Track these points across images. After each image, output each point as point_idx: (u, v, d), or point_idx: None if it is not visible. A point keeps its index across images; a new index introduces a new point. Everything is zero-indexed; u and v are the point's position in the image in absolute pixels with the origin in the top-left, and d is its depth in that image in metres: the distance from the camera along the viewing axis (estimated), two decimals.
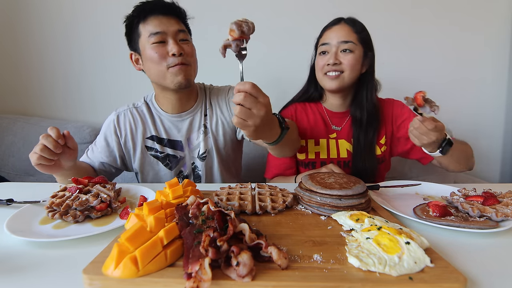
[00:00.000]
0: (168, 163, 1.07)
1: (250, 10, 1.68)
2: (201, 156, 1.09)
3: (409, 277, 0.40)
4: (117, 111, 1.09)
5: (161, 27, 0.93)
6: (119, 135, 1.05)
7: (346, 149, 1.11)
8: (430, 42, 1.74)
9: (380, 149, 1.11)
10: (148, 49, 0.93)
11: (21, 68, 1.77)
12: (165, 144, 1.07)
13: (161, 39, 0.93)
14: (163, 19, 0.93)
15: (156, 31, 0.92)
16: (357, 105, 1.09)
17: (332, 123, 1.14)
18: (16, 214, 0.63)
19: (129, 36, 1.00)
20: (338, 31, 1.03)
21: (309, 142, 1.12)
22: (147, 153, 1.07)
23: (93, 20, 1.71)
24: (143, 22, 0.94)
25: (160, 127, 1.07)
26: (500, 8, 1.71)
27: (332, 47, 1.02)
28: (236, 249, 0.40)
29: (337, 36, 1.02)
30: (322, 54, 1.05)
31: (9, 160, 1.58)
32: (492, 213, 0.61)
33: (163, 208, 0.55)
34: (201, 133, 1.08)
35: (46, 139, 0.74)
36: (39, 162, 0.76)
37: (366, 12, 1.66)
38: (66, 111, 1.82)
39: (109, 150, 1.05)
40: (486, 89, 1.79)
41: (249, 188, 0.76)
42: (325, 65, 1.03)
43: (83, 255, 0.46)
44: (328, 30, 1.06)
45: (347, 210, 0.62)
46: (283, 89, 1.32)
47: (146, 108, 1.09)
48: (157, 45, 0.93)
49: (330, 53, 1.03)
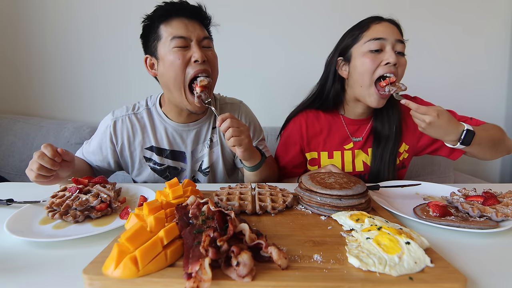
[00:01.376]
0: (168, 175, 1.03)
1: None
2: (204, 171, 1.05)
3: (409, 277, 0.40)
4: (114, 114, 1.01)
5: (186, 31, 0.86)
6: (115, 143, 0.99)
7: (362, 161, 1.03)
8: (431, 42, 1.74)
9: (398, 158, 1.03)
10: (169, 53, 0.86)
11: (21, 69, 1.77)
12: (166, 155, 1.01)
13: (184, 44, 0.86)
14: (188, 23, 0.87)
15: (180, 35, 0.86)
16: (381, 115, 0.99)
17: (350, 133, 1.03)
18: (16, 214, 0.63)
19: (146, 38, 0.92)
20: (389, 27, 0.88)
21: (321, 155, 1.03)
22: (145, 164, 1.01)
23: (93, 20, 1.71)
24: (165, 24, 0.87)
25: (162, 137, 1.00)
26: (501, 8, 1.72)
27: (388, 44, 0.86)
28: (236, 249, 0.40)
29: (392, 32, 0.87)
30: (373, 52, 0.87)
31: (9, 160, 1.58)
32: (492, 213, 0.61)
33: (163, 208, 0.55)
34: (205, 146, 1.04)
35: (42, 159, 0.71)
36: (37, 180, 0.75)
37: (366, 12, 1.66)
38: (66, 111, 1.82)
39: (103, 156, 1.00)
40: (486, 89, 1.80)
41: (249, 188, 0.76)
42: (381, 65, 0.87)
43: (83, 255, 0.46)
44: (377, 24, 0.89)
45: (347, 210, 0.62)
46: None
47: (147, 114, 1.01)
48: (179, 50, 0.86)
49: (386, 50, 0.87)
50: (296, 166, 1.10)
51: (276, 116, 1.29)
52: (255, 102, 1.19)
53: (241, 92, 1.22)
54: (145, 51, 0.95)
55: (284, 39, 1.74)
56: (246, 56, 1.76)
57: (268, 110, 1.67)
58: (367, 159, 1.02)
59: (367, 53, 0.89)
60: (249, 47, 1.75)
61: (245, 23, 1.71)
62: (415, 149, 1.07)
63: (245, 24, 1.71)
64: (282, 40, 1.74)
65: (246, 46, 1.74)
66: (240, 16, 1.70)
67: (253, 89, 1.79)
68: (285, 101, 1.17)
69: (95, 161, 1.02)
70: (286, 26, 1.72)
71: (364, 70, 0.90)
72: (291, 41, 1.74)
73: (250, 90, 1.77)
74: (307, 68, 1.69)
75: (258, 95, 1.78)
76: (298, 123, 1.07)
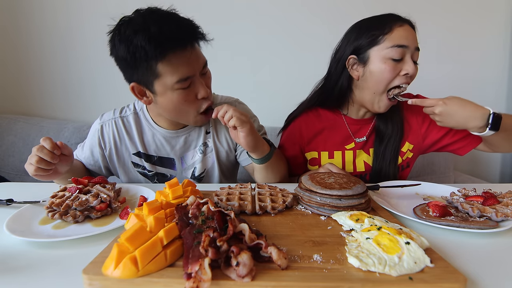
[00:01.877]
0: (156, 182, 1.00)
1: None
2: (198, 178, 1.02)
3: (409, 277, 0.40)
4: (102, 118, 0.99)
5: (189, 69, 0.78)
6: (103, 147, 0.97)
7: (364, 161, 1.01)
8: (431, 42, 1.74)
9: (402, 158, 1.01)
10: (172, 94, 0.79)
11: (22, 69, 1.77)
12: (155, 161, 0.98)
13: (189, 83, 0.80)
14: (189, 56, 0.77)
15: (186, 76, 0.77)
16: (384, 116, 0.97)
17: (352, 133, 1.01)
18: (16, 214, 0.63)
19: (132, 66, 0.77)
20: (411, 31, 0.84)
21: (322, 155, 1.02)
22: (134, 170, 0.99)
23: (93, 20, 1.71)
24: (163, 62, 0.74)
25: (149, 143, 0.97)
26: (501, 8, 1.72)
27: (408, 52, 0.82)
28: (236, 249, 0.40)
29: (413, 39, 0.83)
30: (395, 60, 0.82)
31: (9, 160, 1.58)
32: (492, 213, 0.61)
33: (163, 208, 0.55)
34: (198, 152, 1.00)
35: (41, 152, 0.72)
36: (36, 174, 0.75)
37: (366, 11, 1.66)
38: (66, 111, 1.82)
39: (94, 160, 0.99)
40: (486, 89, 1.80)
41: (249, 188, 0.76)
42: (400, 75, 0.83)
43: (83, 255, 0.46)
44: (400, 27, 0.83)
45: (347, 210, 0.62)
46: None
47: (134, 119, 0.97)
48: (183, 90, 0.79)
49: (406, 60, 0.82)
50: (296, 167, 1.10)
51: (276, 116, 1.29)
52: (255, 102, 1.19)
53: (241, 92, 1.22)
54: (130, 79, 0.81)
55: (284, 39, 1.73)
56: (246, 56, 1.75)
57: (267, 110, 1.66)
58: (369, 159, 1.01)
59: (388, 61, 0.84)
60: (248, 46, 1.75)
61: (246, 23, 1.71)
62: (420, 147, 1.04)
63: (245, 24, 1.71)
64: (282, 40, 1.74)
65: (246, 46, 1.74)
66: (240, 16, 1.70)
67: (252, 89, 1.79)
68: (285, 101, 1.17)
69: (88, 165, 1.01)
70: (286, 26, 1.72)
71: (382, 78, 0.86)
72: (291, 41, 1.74)
73: (249, 90, 1.77)
74: (307, 68, 1.69)
75: (258, 95, 1.78)
76: (298, 124, 1.06)
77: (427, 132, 1.01)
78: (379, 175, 0.99)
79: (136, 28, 0.72)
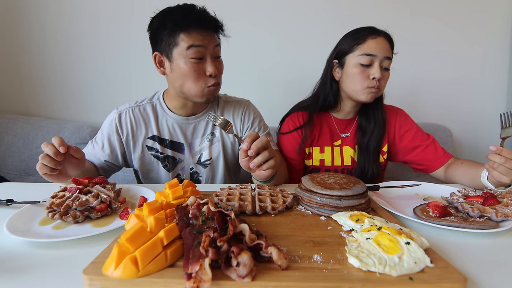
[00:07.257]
0: (166, 164, 1.07)
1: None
2: (204, 163, 1.10)
3: (409, 277, 0.40)
4: (118, 109, 1.07)
5: (203, 43, 0.90)
6: (121, 134, 1.05)
7: (350, 156, 1.12)
8: (431, 40, 1.74)
9: (383, 157, 1.13)
10: (185, 63, 0.91)
11: (22, 68, 1.77)
12: (167, 145, 1.07)
13: (200, 55, 0.91)
14: (205, 34, 0.91)
15: (198, 44, 0.89)
16: (366, 114, 1.10)
17: (339, 130, 1.14)
18: (16, 214, 0.63)
19: (158, 37, 0.93)
20: (383, 43, 0.98)
21: (314, 150, 1.12)
22: (147, 153, 1.07)
23: (93, 20, 1.71)
24: (185, 33, 0.89)
25: (163, 128, 1.07)
26: (501, 6, 1.72)
27: (377, 60, 0.97)
28: (236, 250, 0.40)
29: (383, 49, 0.97)
30: (364, 66, 0.99)
31: (9, 160, 1.58)
32: (492, 213, 0.61)
33: (163, 209, 0.55)
34: (205, 140, 1.09)
35: (46, 146, 0.75)
36: (42, 172, 0.78)
37: (366, 10, 1.67)
38: (66, 111, 1.82)
39: (111, 149, 1.05)
40: (486, 88, 1.80)
41: (249, 188, 0.76)
42: (369, 78, 0.98)
43: (83, 255, 0.47)
44: (372, 40, 0.98)
45: (347, 210, 0.62)
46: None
47: (151, 107, 1.08)
48: (195, 62, 0.91)
49: (374, 66, 0.98)
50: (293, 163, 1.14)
51: (275, 116, 1.29)
52: (255, 102, 1.19)
53: (240, 92, 1.22)
54: (155, 49, 0.97)
55: (284, 39, 1.73)
56: (245, 56, 1.75)
57: (267, 110, 1.66)
58: (354, 155, 1.12)
59: (358, 65, 1.00)
60: (248, 47, 1.75)
61: (245, 22, 1.71)
62: (394, 147, 1.15)
63: (244, 24, 1.71)
64: (282, 40, 1.74)
65: (245, 46, 1.74)
66: (239, 16, 1.70)
67: (251, 89, 1.79)
68: (285, 101, 1.18)
69: (103, 157, 1.05)
70: (285, 25, 1.72)
71: (354, 80, 1.02)
72: (291, 41, 1.74)
73: (249, 90, 1.77)
74: (307, 68, 1.70)
75: (258, 95, 1.78)
76: (292, 123, 1.13)
77: (402, 138, 1.13)
78: (363, 169, 1.09)
79: (176, 7, 0.93)
